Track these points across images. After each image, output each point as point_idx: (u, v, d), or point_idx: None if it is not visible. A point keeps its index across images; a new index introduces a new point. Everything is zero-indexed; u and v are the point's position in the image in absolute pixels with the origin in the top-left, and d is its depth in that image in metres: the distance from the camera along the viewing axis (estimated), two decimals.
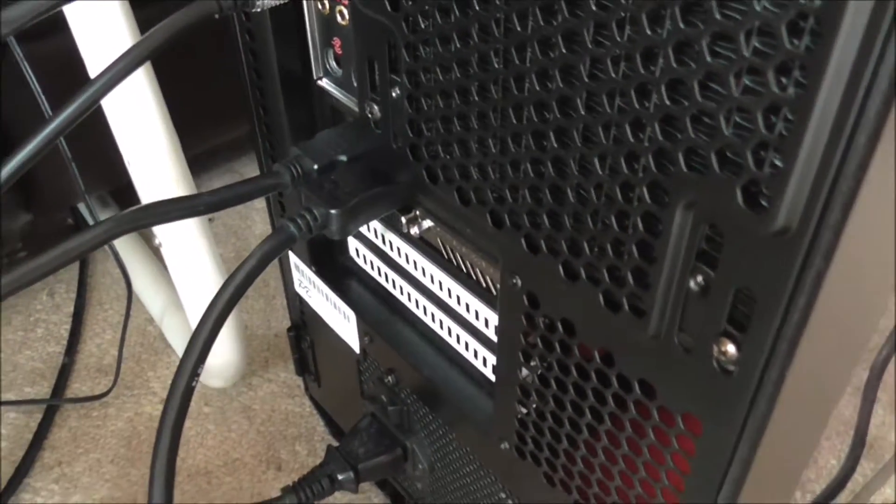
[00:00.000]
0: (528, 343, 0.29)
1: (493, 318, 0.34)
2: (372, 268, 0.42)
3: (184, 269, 0.47)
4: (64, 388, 0.61)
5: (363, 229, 0.41)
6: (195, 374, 0.30)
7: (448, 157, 0.28)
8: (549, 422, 0.30)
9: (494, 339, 0.34)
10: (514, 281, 0.28)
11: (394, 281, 0.40)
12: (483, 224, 0.28)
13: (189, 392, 0.30)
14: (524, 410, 0.32)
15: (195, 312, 0.50)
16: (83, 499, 0.53)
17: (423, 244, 0.37)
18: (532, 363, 0.30)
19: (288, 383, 0.60)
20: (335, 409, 0.55)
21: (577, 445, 0.29)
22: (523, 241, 0.26)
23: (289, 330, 0.52)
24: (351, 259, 0.43)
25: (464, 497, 0.43)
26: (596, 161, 0.22)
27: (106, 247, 0.71)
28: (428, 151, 0.29)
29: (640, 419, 0.26)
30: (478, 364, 0.37)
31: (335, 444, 0.57)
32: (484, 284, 0.34)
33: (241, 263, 0.31)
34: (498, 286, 0.33)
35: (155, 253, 0.70)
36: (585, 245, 0.24)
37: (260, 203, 0.77)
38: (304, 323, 0.51)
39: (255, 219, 0.76)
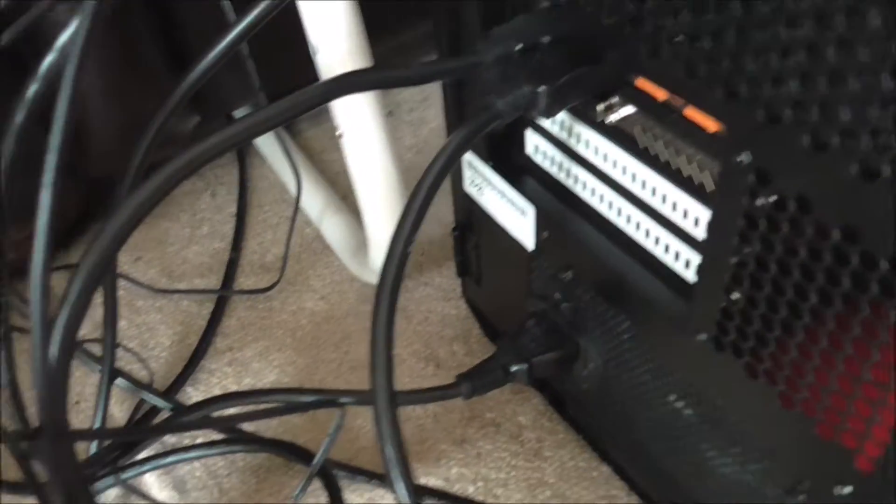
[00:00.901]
0: (748, 225, 0.28)
1: (695, 209, 0.33)
2: (552, 163, 0.41)
3: (362, 159, 0.48)
4: (231, 282, 0.64)
5: (546, 123, 0.40)
6: (410, 239, 0.30)
7: (677, 25, 0.27)
8: (762, 309, 0.30)
9: (693, 232, 0.34)
10: (742, 158, 0.27)
11: (577, 176, 0.40)
12: (711, 98, 0.27)
13: (404, 257, 0.30)
14: (732, 298, 0.31)
15: (369, 200, 0.51)
16: (254, 381, 0.56)
17: (618, 135, 0.36)
18: (749, 248, 0.29)
19: (443, 287, 0.61)
20: (494, 311, 0.56)
21: (793, 332, 0.29)
22: (762, 112, 0.25)
23: (454, 230, 0.53)
24: (527, 157, 0.43)
25: (631, 398, 0.43)
26: (872, 8, 0.21)
27: (262, 152, 0.74)
28: (652, 21, 0.28)
29: (882, 299, 0.24)
30: (668, 259, 0.36)
31: (491, 346, 0.58)
32: (687, 173, 0.33)
33: (451, 136, 0.31)
34: (706, 172, 0.32)
35: (310, 160, 0.72)
36: (842, 109, 0.23)
37: (408, 116, 0.78)
38: (471, 223, 0.51)
39: (404, 132, 0.76)
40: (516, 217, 0.44)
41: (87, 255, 0.24)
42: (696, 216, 0.33)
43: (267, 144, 0.73)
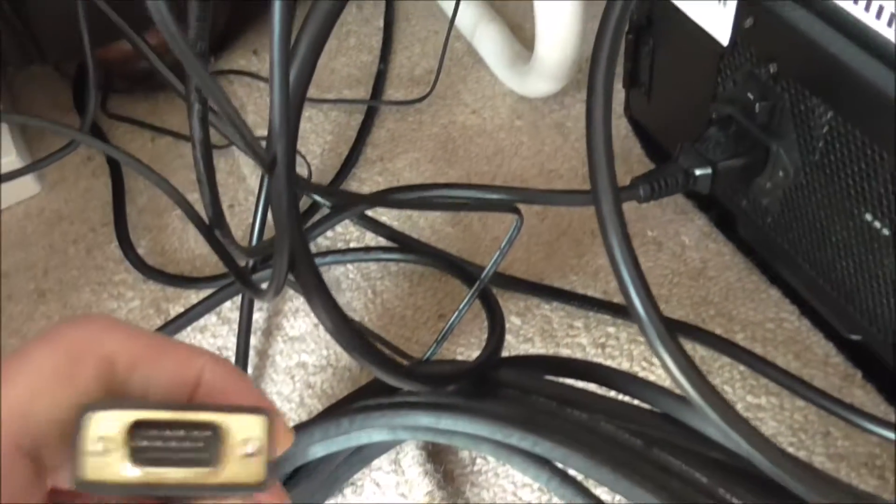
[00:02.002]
0: None
1: None
2: None
3: None
4: (381, 93, 0.62)
5: None
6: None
7: None
8: None
9: None
10: None
11: None
12: None
13: (618, 37, 0.27)
14: None
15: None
16: None
17: None
18: None
19: None
20: (663, 127, 0.52)
21: None
22: None
23: (627, 34, 0.49)
24: None
25: (820, 213, 0.39)
26: None
27: None
28: None
29: None
30: None
31: (651, 166, 0.55)
32: None
33: None
34: None
35: None
36: None
37: None
38: (650, 23, 0.47)
39: None
40: (714, 6, 0.40)
41: None
42: None
43: None
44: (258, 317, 0.51)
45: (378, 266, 0.52)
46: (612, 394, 0.40)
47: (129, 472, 0.19)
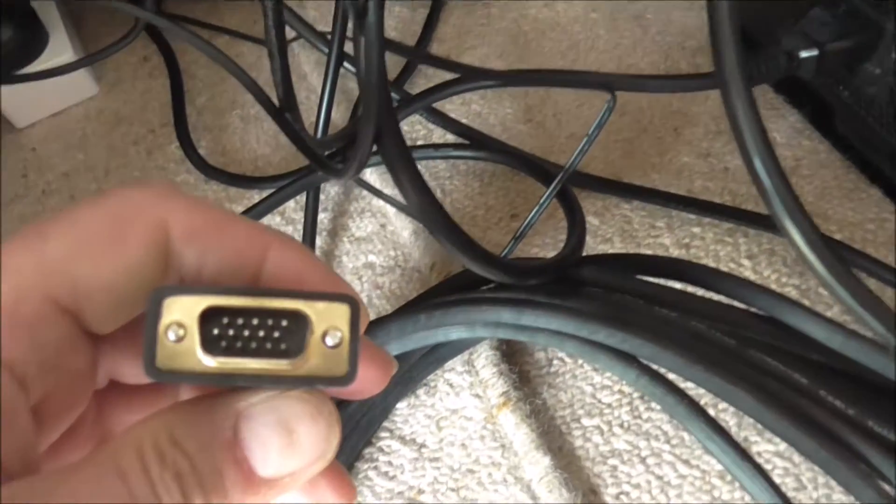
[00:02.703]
0: None
1: None
2: None
3: None
4: None
5: None
6: None
7: None
8: None
9: None
10: None
11: None
12: None
13: None
14: None
15: None
16: None
17: None
18: None
19: None
20: (757, 14, 0.49)
21: None
22: None
23: None
24: None
25: None
26: None
27: None
28: None
29: None
30: None
31: None
32: None
33: None
34: None
35: None
36: None
37: None
38: None
39: None
40: None
41: None
42: None
43: None
44: (323, 217, 0.50)
45: (446, 165, 0.50)
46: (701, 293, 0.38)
47: (204, 361, 0.18)
